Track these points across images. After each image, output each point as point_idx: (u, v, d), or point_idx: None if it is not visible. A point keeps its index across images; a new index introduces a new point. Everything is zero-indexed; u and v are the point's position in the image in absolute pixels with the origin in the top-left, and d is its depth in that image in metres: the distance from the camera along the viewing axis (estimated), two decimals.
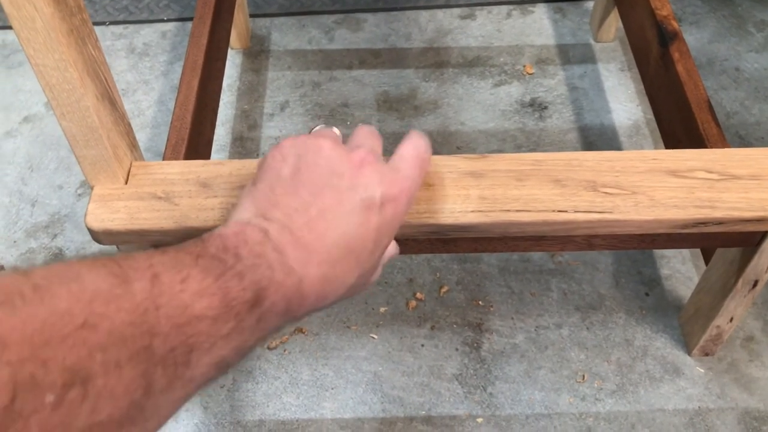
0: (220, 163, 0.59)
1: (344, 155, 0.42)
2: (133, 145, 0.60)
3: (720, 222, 0.56)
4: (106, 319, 0.27)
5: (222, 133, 1.05)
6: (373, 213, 0.41)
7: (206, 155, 0.84)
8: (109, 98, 0.55)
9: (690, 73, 0.83)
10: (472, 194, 0.57)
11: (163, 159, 0.74)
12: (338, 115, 1.07)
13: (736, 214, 0.56)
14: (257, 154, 1.02)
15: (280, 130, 1.05)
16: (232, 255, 0.35)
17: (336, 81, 1.11)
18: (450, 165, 0.60)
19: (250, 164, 0.59)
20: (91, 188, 0.58)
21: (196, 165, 0.59)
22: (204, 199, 0.57)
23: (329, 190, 0.41)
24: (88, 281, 0.28)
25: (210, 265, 0.33)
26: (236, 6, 1.07)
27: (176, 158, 0.74)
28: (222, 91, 1.08)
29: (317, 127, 0.49)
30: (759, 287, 0.72)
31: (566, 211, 0.56)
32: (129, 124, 0.59)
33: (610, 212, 0.56)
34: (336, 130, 0.49)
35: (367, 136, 0.47)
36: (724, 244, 0.69)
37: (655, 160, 0.59)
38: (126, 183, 0.59)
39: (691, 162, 0.59)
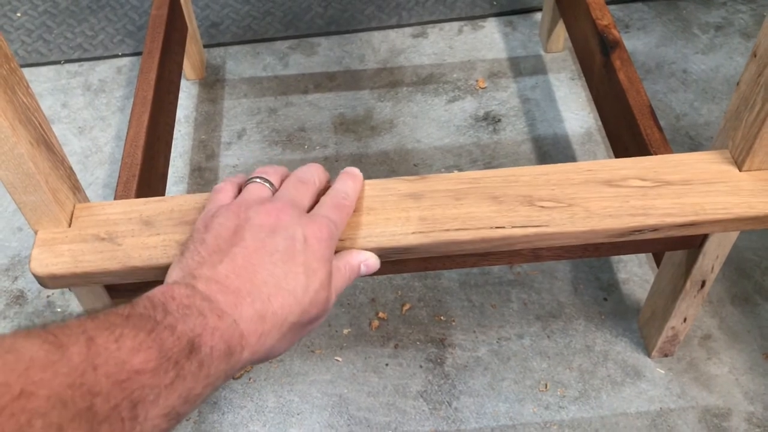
0: (162, 200, 0.60)
1: (262, 212, 0.46)
2: (76, 187, 0.61)
3: (654, 229, 0.58)
4: (44, 385, 0.27)
5: (180, 165, 1.05)
6: (297, 250, 0.44)
7: (160, 190, 0.85)
8: (45, 143, 0.55)
9: (632, 81, 0.84)
10: (412, 216, 0.58)
11: (115, 197, 0.74)
12: (296, 140, 1.08)
13: (669, 220, 0.57)
14: (216, 184, 1.03)
15: (238, 158, 1.06)
16: (161, 311, 0.36)
17: (292, 106, 1.12)
18: (390, 188, 0.61)
19: (192, 199, 0.60)
20: (35, 233, 0.58)
21: (138, 203, 0.60)
22: (147, 237, 0.57)
23: (252, 241, 0.43)
24: (24, 351, 0.28)
25: (140, 323, 0.34)
26: (188, 37, 1.08)
27: (127, 195, 0.74)
28: (178, 122, 1.09)
29: (253, 179, 0.52)
30: (707, 287, 0.73)
31: (504, 227, 0.57)
32: (70, 167, 0.60)
33: (547, 225, 0.57)
34: (274, 175, 0.52)
35: (296, 187, 0.51)
36: (669, 248, 0.71)
37: (589, 171, 0.61)
38: (69, 226, 0.59)
39: (624, 171, 0.61)
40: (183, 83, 1.15)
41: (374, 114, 1.11)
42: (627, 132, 0.82)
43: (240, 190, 0.52)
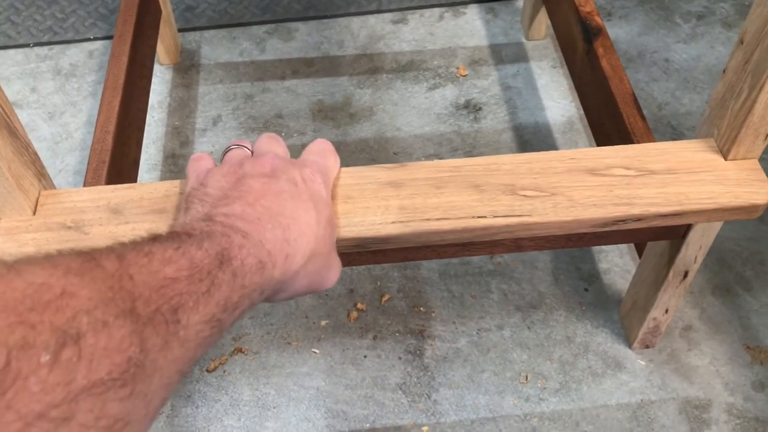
0: (131, 187, 0.58)
1: (256, 163, 0.47)
2: (41, 174, 0.58)
3: (639, 218, 0.57)
4: (84, 287, 0.27)
5: (153, 152, 1.02)
6: (301, 189, 0.46)
7: (132, 177, 0.82)
8: (8, 128, 0.52)
9: (615, 68, 0.83)
10: (392, 205, 0.57)
11: (84, 184, 0.72)
12: (272, 127, 1.05)
13: (654, 209, 0.56)
14: None
15: (213, 145, 1.03)
16: (185, 235, 0.37)
17: (269, 92, 1.09)
18: (369, 176, 0.59)
19: (162, 187, 0.58)
20: None
21: (106, 191, 0.58)
22: (115, 226, 0.55)
23: (256, 185, 0.45)
24: (59, 260, 0.28)
25: (166, 242, 0.35)
26: (162, 21, 1.05)
27: (97, 182, 0.72)
28: (151, 108, 1.06)
29: (231, 148, 0.52)
30: (689, 278, 0.72)
31: (485, 217, 0.55)
32: (35, 153, 0.57)
33: (529, 215, 0.56)
34: (248, 144, 0.53)
35: (269, 143, 0.52)
36: (652, 238, 0.70)
37: (573, 160, 0.59)
38: (34, 214, 0.56)
39: (608, 159, 0.59)
40: (157, 68, 1.12)
41: (353, 101, 1.08)
42: (609, 120, 0.81)
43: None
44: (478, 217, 0.55)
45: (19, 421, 0.23)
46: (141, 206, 0.56)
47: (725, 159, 0.59)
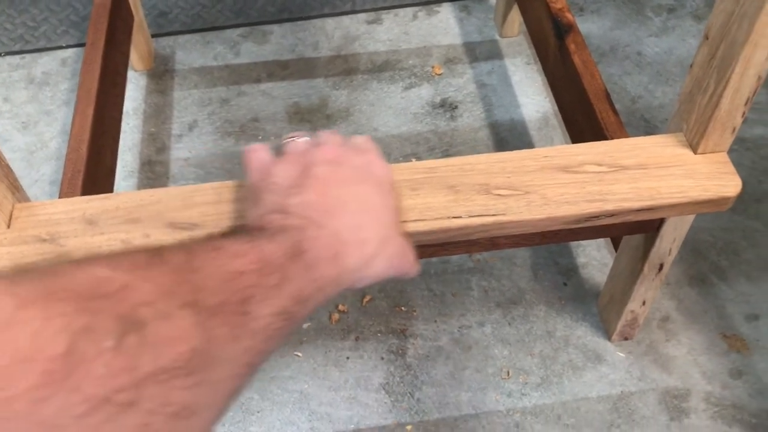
0: (106, 198, 0.57)
1: (318, 152, 0.47)
2: (15, 186, 0.58)
3: (611, 214, 0.57)
4: (147, 281, 0.28)
5: (129, 159, 1.02)
6: (365, 176, 0.46)
7: (108, 185, 0.82)
8: None
9: (586, 64, 0.84)
10: None
11: (60, 194, 0.71)
12: (249, 131, 1.05)
13: (626, 205, 0.57)
14: (167, 178, 1.00)
15: (190, 150, 1.03)
16: (258, 229, 0.38)
17: (245, 96, 1.09)
18: None
19: (137, 196, 0.57)
20: None
21: (80, 201, 0.57)
22: (90, 237, 0.55)
23: (323, 173, 0.45)
24: (124, 256, 0.29)
25: (238, 238, 0.35)
26: (135, 27, 1.05)
27: (73, 192, 0.71)
28: (126, 115, 1.06)
29: (290, 138, 0.51)
30: (665, 270, 0.73)
31: (461, 217, 0.56)
32: (7, 165, 0.57)
33: (504, 214, 0.56)
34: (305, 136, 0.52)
35: (328, 134, 0.51)
36: (626, 232, 0.70)
37: (546, 158, 0.60)
38: (8, 227, 0.56)
39: (581, 156, 0.60)
40: (131, 74, 1.11)
41: (329, 102, 1.09)
42: (583, 116, 0.82)
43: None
44: (454, 217, 0.56)
45: (85, 404, 0.23)
46: (116, 216, 0.56)
47: (695, 153, 0.60)
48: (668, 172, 0.59)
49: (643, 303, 0.78)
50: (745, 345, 0.84)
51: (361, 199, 0.44)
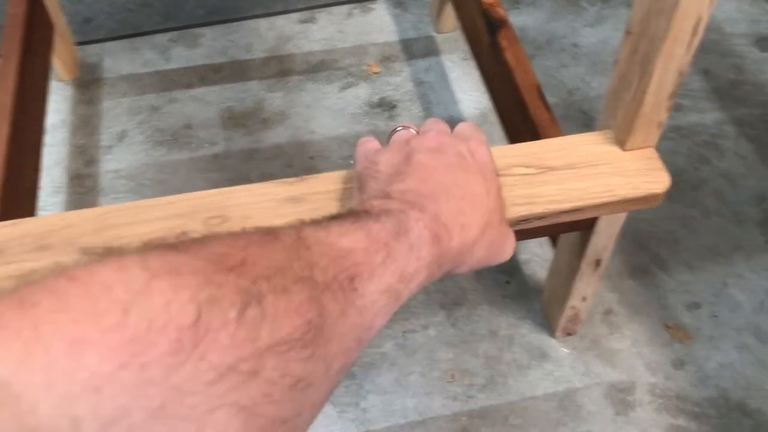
0: (14, 224, 0.54)
1: (423, 140, 0.47)
2: None
3: (541, 217, 0.56)
4: (263, 258, 0.29)
5: (57, 174, 0.98)
6: (469, 162, 0.46)
7: (30, 205, 0.78)
8: None
9: (519, 60, 0.83)
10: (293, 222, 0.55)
11: None
12: (182, 138, 1.02)
13: (555, 207, 0.56)
14: (97, 192, 0.96)
15: (120, 162, 0.99)
16: (363, 212, 0.39)
17: (176, 102, 1.06)
18: (267, 193, 0.57)
19: (47, 221, 0.54)
20: None
21: None
22: None
23: (426, 160, 0.45)
24: (241, 235, 0.30)
25: (345, 219, 0.36)
26: (57, 35, 1.00)
27: None
28: (53, 128, 1.02)
29: (396, 130, 0.52)
30: (603, 265, 0.73)
31: None
32: None
33: None
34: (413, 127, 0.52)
35: (432, 123, 0.52)
36: (561, 231, 0.70)
37: None
38: None
39: (508, 159, 0.59)
40: (56, 85, 1.07)
41: (265, 106, 1.06)
42: (517, 112, 0.81)
43: None
44: None
45: (213, 371, 0.25)
46: (24, 244, 0.53)
47: (623, 150, 0.60)
48: (597, 171, 0.58)
49: (584, 298, 0.78)
50: (686, 334, 0.84)
51: (463, 185, 0.45)
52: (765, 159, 0.99)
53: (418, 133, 0.51)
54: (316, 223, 0.35)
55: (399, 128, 0.52)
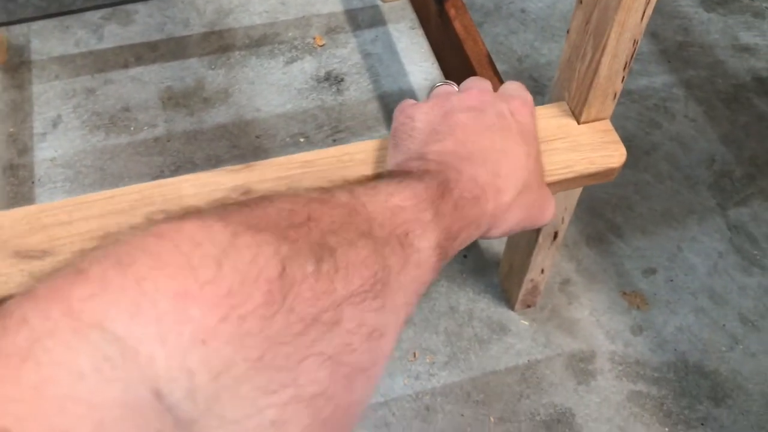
0: None
1: (464, 97, 0.46)
2: None
3: None
4: (325, 214, 0.30)
5: None
6: (509, 123, 0.45)
7: None
8: None
9: (468, 29, 0.81)
10: None
11: None
12: (120, 122, 0.97)
13: None
14: (32, 182, 0.91)
15: (56, 149, 0.94)
16: (404, 173, 0.39)
17: (112, 83, 1.01)
18: (212, 182, 0.54)
19: None
20: None
21: None
22: None
23: (465, 119, 0.44)
24: (301, 192, 0.31)
25: (389, 179, 0.37)
26: None
27: None
28: None
29: (437, 85, 0.50)
30: (560, 237, 0.72)
31: None
32: None
33: None
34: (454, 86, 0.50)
35: (475, 80, 0.50)
36: None
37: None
38: None
39: None
40: None
41: (206, 84, 1.02)
42: None
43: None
44: None
45: (300, 323, 0.26)
46: None
47: (578, 122, 0.58)
48: (552, 147, 0.57)
49: (542, 271, 0.77)
50: (644, 300, 0.85)
51: (500, 147, 0.44)
52: (714, 122, 1.00)
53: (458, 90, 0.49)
54: (363, 183, 0.36)
55: (440, 84, 0.50)
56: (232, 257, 0.25)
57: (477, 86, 0.49)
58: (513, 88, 0.50)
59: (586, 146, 0.57)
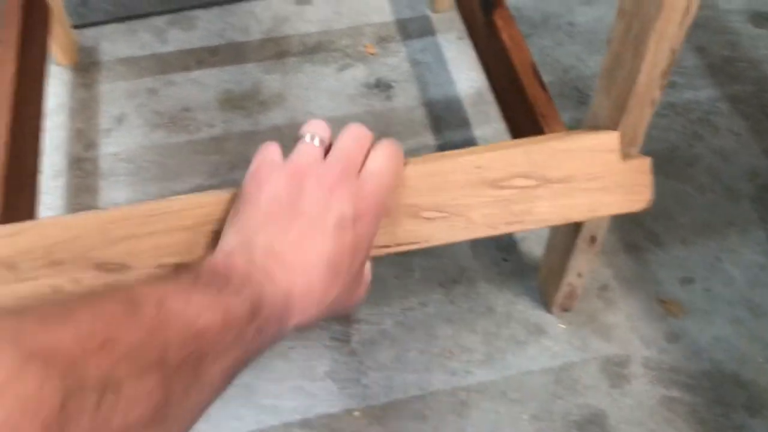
0: (15, 233, 0.51)
1: (315, 183, 0.45)
2: None
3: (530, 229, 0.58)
4: (125, 334, 0.31)
5: (57, 159, 0.99)
6: (347, 231, 0.45)
7: (31, 189, 0.79)
8: None
9: (514, 40, 0.84)
10: None
11: None
12: (180, 121, 1.03)
13: (542, 224, 0.58)
14: (97, 176, 0.97)
15: (119, 145, 1.00)
16: (223, 278, 0.40)
17: (174, 85, 1.07)
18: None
19: (50, 231, 0.52)
20: None
21: None
22: (15, 284, 0.52)
23: (306, 212, 0.44)
24: (105, 307, 0.32)
25: (207, 288, 0.38)
26: (54, 20, 1.01)
27: None
28: (51, 112, 1.02)
29: (305, 136, 0.49)
30: (598, 242, 0.74)
31: (389, 246, 0.56)
32: None
33: (427, 241, 0.57)
34: (323, 131, 0.50)
35: (348, 144, 0.48)
36: None
37: (478, 169, 0.57)
38: None
39: (512, 168, 0.57)
40: (54, 69, 1.07)
41: (262, 88, 1.07)
42: (513, 92, 0.82)
43: None
44: (382, 246, 0.56)
45: None
46: (36, 258, 0.51)
47: (622, 160, 0.59)
48: (590, 186, 0.58)
49: (580, 275, 0.79)
50: (680, 309, 0.86)
51: (327, 260, 0.44)
52: (758, 136, 1.01)
53: (328, 148, 0.48)
54: (180, 286, 0.37)
55: (306, 137, 0.48)
56: (16, 387, 0.25)
57: (341, 161, 0.47)
58: (382, 164, 0.48)
59: (621, 189, 0.59)
